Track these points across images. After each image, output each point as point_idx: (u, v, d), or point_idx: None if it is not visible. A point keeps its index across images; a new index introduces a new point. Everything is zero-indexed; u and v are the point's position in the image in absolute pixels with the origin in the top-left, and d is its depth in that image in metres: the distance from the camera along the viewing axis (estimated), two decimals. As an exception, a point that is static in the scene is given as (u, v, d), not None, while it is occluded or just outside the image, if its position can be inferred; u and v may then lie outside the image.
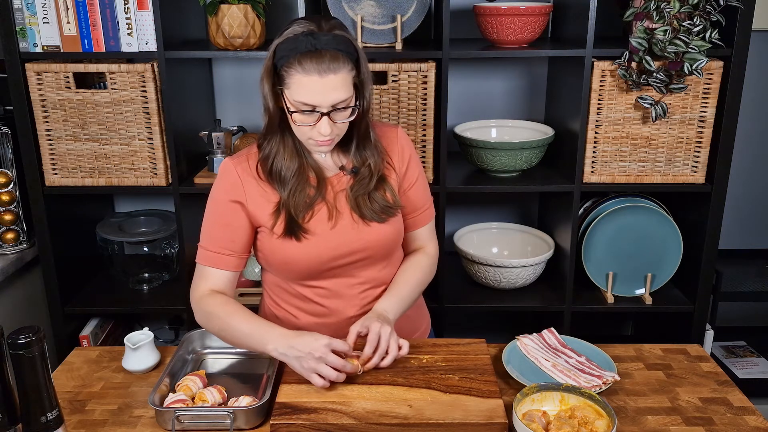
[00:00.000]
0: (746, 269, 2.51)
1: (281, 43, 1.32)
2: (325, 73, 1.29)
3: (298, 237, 1.42)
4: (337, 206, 1.45)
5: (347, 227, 1.45)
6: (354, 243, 1.46)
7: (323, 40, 1.29)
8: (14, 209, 2.17)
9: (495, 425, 1.21)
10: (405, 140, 1.55)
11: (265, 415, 1.28)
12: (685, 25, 1.88)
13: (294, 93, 1.32)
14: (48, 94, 2.03)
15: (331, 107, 1.32)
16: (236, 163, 1.47)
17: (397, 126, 1.57)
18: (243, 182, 1.45)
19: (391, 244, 1.51)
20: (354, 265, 1.48)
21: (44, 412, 1.03)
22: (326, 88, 1.30)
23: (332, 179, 1.47)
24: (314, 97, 1.31)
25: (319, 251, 1.44)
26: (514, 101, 2.47)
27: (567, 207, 2.15)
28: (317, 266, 1.45)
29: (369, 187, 1.45)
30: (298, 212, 1.42)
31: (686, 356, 1.52)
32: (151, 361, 1.47)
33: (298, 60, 1.29)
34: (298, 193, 1.42)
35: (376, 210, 1.45)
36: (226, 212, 1.46)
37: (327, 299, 1.51)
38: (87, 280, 2.41)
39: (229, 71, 2.44)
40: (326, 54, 1.29)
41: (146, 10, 1.96)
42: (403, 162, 1.52)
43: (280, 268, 1.49)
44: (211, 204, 1.49)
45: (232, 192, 1.45)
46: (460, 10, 2.30)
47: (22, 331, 0.99)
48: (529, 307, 2.25)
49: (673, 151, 2.07)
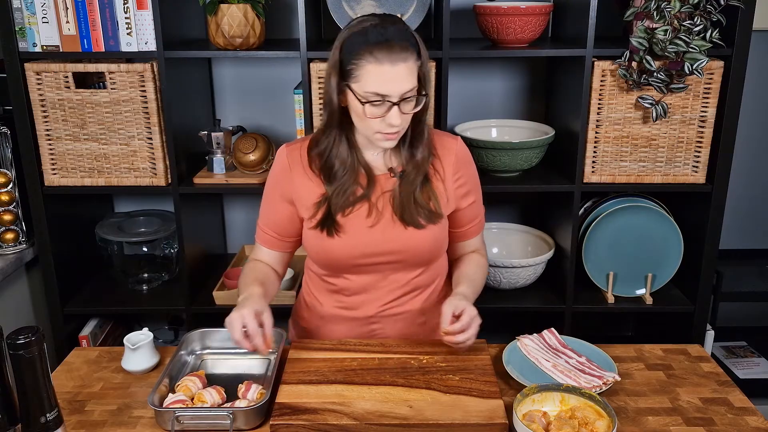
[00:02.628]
0: (746, 269, 2.51)
1: (348, 38, 1.35)
2: (396, 62, 1.31)
3: (330, 232, 1.46)
4: (378, 206, 1.47)
5: (385, 228, 1.47)
6: (388, 244, 1.47)
7: (391, 30, 1.33)
8: (14, 209, 2.17)
9: (495, 426, 1.20)
10: (464, 153, 1.55)
11: (265, 415, 1.27)
12: (686, 24, 1.88)
13: (365, 84, 1.33)
14: (47, 94, 2.02)
15: (400, 97, 1.34)
16: (289, 151, 1.52)
17: (458, 138, 1.56)
18: (292, 169, 1.50)
19: (427, 252, 1.51)
20: (386, 265, 1.50)
21: (43, 412, 1.03)
22: (398, 77, 1.32)
23: (380, 178, 1.49)
24: (386, 86, 1.32)
25: (351, 247, 1.47)
26: (514, 101, 2.47)
27: (567, 207, 2.15)
28: (347, 260, 1.49)
29: (414, 186, 1.46)
30: (338, 209, 1.45)
31: (687, 356, 1.52)
32: (151, 361, 1.47)
33: (369, 50, 1.31)
34: (345, 191, 1.45)
35: (419, 214, 1.46)
36: (273, 197, 1.54)
37: (352, 293, 1.54)
38: (87, 280, 2.41)
39: (229, 71, 2.44)
40: (396, 44, 1.32)
41: (146, 10, 1.96)
42: (456, 174, 1.52)
43: (313, 257, 1.55)
44: (265, 186, 1.57)
45: (281, 177, 1.52)
46: (460, 9, 2.29)
47: (22, 331, 0.99)
48: (529, 308, 2.25)
49: (673, 151, 2.07)
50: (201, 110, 2.35)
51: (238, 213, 2.62)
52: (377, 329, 1.57)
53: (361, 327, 1.57)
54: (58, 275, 2.19)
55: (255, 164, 2.16)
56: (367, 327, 1.56)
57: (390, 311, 1.55)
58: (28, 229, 2.20)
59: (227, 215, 2.63)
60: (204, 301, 2.25)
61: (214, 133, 2.18)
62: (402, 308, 1.55)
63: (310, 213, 1.48)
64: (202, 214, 2.39)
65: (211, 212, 2.53)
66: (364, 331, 1.57)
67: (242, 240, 2.63)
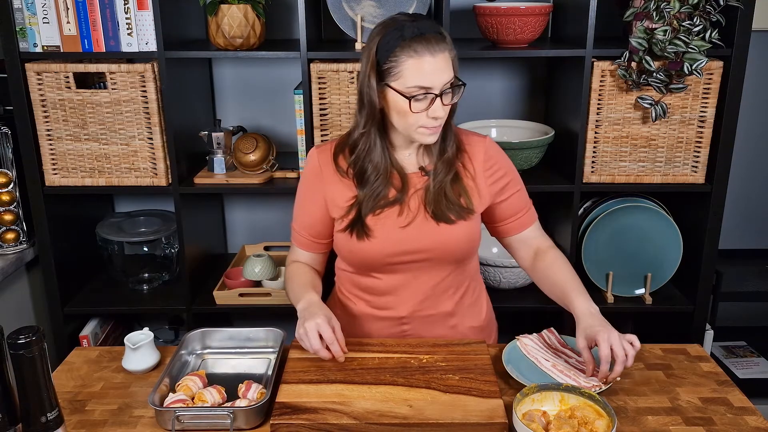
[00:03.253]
0: (746, 269, 2.51)
1: (383, 38, 1.35)
2: (435, 53, 1.33)
3: (360, 235, 1.47)
4: (409, 204, 1.48)
5: (417, 225, 1.47)
6: (420, 242, 1.47)
7: (424, 24, 1.35)
8: (14, 209, 2.17)
9: (495, 425, 1.21)
10: (494, 148, 1.55)
11: (265, 415, 1.27)
12: (685, 25, 1.88)
13: (407, 79, 1.34)
14: (48, 94, 2.03)
15: (442, 88, 1.35)
16: (320, 152, 1.53)
17: (487, 136, 1.57)
18: (323, 170, 1.51)
19: (459, 249, 1.51)
20: (416, 264, 1.50)
21: (44, 412, 1.03)
22: (438, 68, 1.34)
23: (411, 176, 1.49)
24: (428, 78, 1.33)
25: (381, 248, 1.47)
26: (514, 101, 2.47)
27: (567, 207, 2.15)
28: (377, 260, 1.49)
29: (445, 182, 1.46)
30: (368, 212, 1.46)
31: (686, 356, 1.52)
32: (151, 361, 1.47)
33: (408, 45, 1.33)
34: (377, 195, 1.46)
35: (450, 209, 1.46)
36: (306, 199, 1.55)
37: (382, 293, 1.55)
38: (87, 280, 2.41)
39: (229, 71, 2.44)
40: (431, 37, 1.34)
41: (146, 10, 1.96)
42: (488, 170, 1.52)
43: (344, 257, 1.56)
44: (298, 189, 1.58)
45: (312, 179, 1.53)
46: (460, 10, 2.30)
47: (22, 331, 0.99)
48: (529, 307, 2.25)
49: (673, 151, 2.07)
50: (201, 110, 2.36)
51: (239, 213, 2.63)
52: (408, 330, 1.57)
53: (391, 327, 1.57)
54: (59, 275, 2.20)
55: (255, 164, 2.16)
56: (398, 327, 1.57)
57: (421, 313, 1.55)
58: (28, 229, 2.21)
59: (227, 215, 2.63)
60: (204, 301, 2.26)
61: (214, 133, 2.18)
62: (433, 310, 1.56)
63: (341, 214, 1.49)
64: (202, 214, 2.39)
65: (212, 212, 2.53)
66: (394, 332, 1.57)
67: (242, 240, 2.64)
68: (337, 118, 2.07)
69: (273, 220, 2.61)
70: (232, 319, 2.65)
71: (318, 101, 2.04)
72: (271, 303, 2.23)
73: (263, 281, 2.26)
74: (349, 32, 2.11)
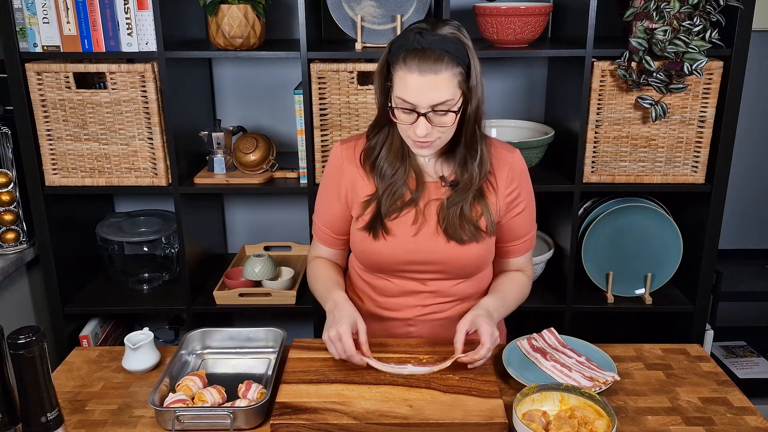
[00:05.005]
0: (746, 269, 2.51)
1: (395, 40, 1.35)
2: (426, 72, 1.28)
3: (376, 234, 1.46)
4: (424, 213, 1.46)
5: (428, 237, 1.46)
6: (429, 255, 1.47)
7: (430, 39, 1.29)
8: (14, 209, 2.17)
9: (495, 425, 1.21)
10: (520, 166, 1.51)
11: (265, 415, 1.28)
12: (685, 25, 1.88)
13: (396, 89, 1.33)
14: (48, 94, 2.03)
15: (429, 108, 1.31)
16: (343, 148, 1.52)
17: (516, 150, 1.52)
18: (345, 165, 1.50)
19: (468, 266, 1.50)
20: (425, 273, 1.50)
21: (44, 412, 1.03)
22: (424, 88, 1.29)
23: (430, 185, 1.47)
24: (412, 95, 1.30)
25: (395, 252, 1.47)
26: (514, 101, 2.47)
27: (567, 207, 2.15)
28: (390, 264, 1.49)
29: (464, 199, 1.43)
30: (386, 211, 1.45)
31: (686, 356, 1.52)
32: (151, 361, 1.47)
33: (403, 56, 1.30)
34: (394, 193, 1.45)
35: (463, 229, 1.44)
36: (328, 194, 1.55)
37: (391, 295, 1.55)
38: (87, 280, 2.41)
39: (229, 71, 2.44)
40: (431, 54, 1.28)
41: (146, 10, 1.96)
42: (509, 188, 1.49)
43: (358, 256, 1.57)
44: (320, 184, 1.58)
45: (334, 175, 1.52)
46: (460, 10, 2.30)
47: (22, 331, 0.99)
48: (529, 307, 2.24)
49: (673, 151, 2.07)
50: (201, 110, 2.36)
51: (239, 213, 2.63)
52: (413, 331, 1.57)
53: (397, 328, 1.57)
54: (59, 275, 2.20)
55: (255, 164, 2.16)
56: (404, 329, 1.57)
57: (429, 317, 1.55)
58: (28, 229, 2.21)
59: (227, 215, 2.63)
60: (204, 301, 2.26)
61: (214, 133, 2.18)
62: (442, 315, 1.55)
63: (359, 211, 1.49)
64: (202, 214, 2.39)
65: (212, 212, 2.53)
66: (400, 333, 1.57)
67: (242, 240, 2.64)
68: (337, 118, 2.07)
69: (273, 220, 2.61)
70: (232, 319, 2.65)
71: (318, 101, 2.04)
72: (271, 303, 2.23)
73: (263, 281, 2.26)
74: (349, 32, 2.11)
